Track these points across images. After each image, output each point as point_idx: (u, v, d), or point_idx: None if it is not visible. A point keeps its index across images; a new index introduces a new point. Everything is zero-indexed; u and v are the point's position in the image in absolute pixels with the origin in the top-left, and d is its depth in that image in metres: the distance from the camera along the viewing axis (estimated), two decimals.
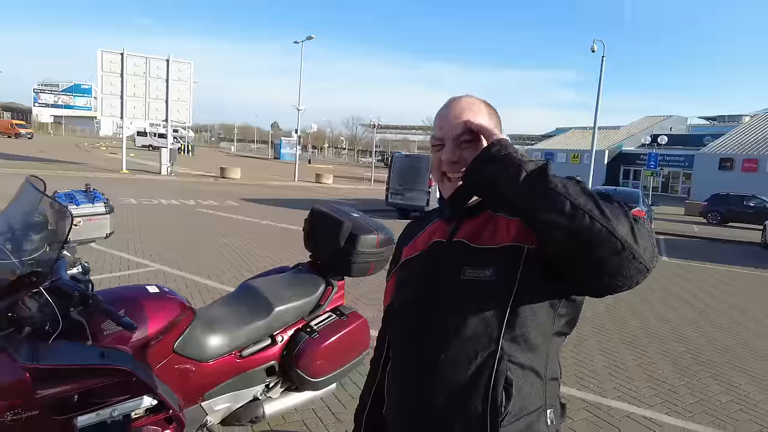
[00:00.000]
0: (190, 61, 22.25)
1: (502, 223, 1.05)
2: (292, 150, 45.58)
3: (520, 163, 0.94)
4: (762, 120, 43.95)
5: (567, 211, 0.86)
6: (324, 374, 2.57)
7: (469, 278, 1.02)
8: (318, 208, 2.82)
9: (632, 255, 0.85)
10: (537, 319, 1.01)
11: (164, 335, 2.11)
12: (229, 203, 14.81)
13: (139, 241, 8.02)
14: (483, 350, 0.99)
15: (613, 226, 0.84)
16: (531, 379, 1.01)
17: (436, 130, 1.13)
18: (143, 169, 23.58)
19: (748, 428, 3.38)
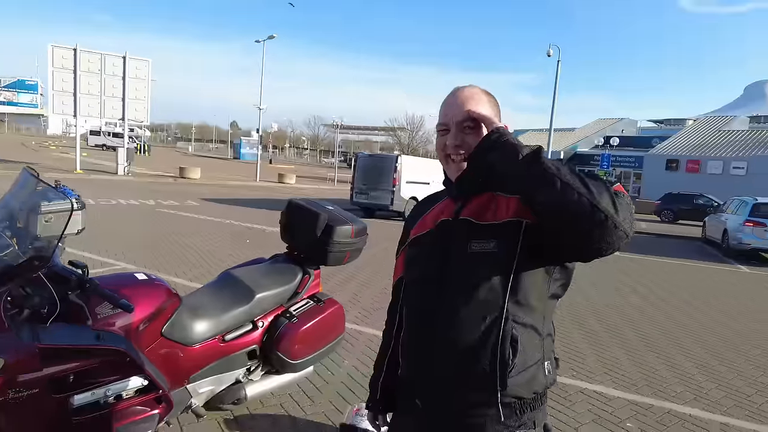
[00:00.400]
0: (148, 59, 21.73)
1: (502, 202, 1.18)
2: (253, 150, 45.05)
3: (518, 148, 1.07)
4: (703, 124, 46.58)
5: (558, 188, 0.99)
6: (303, 357, 2.73)
7: (475, 251, 1.15)
8: (295, 202, 2.98)
9: (614, 224, 0.98)
10: (535, 284, 1.16)
11: (153, 320, 2.22)
12: (190, 203, 14.62)
13: (102, 241, 7.89)
14: (491, 313, 1.13)
15: (597, 200, 0.98)
16: (532, 336, 1.16)
17: (441, 116, 1.25)
18: (99, 169, 22.83)
19: (683, 397, 3.76)
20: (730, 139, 39.61)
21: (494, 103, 1.27)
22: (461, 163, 1.23)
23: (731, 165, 36.18)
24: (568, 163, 1.07)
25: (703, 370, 4.36)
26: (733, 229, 11.79)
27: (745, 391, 3.96)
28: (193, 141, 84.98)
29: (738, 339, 5.36)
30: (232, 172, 32.38)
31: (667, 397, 3.73)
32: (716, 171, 36.55)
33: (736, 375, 4.29)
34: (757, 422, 3.45)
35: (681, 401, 3.68)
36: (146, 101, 21.79)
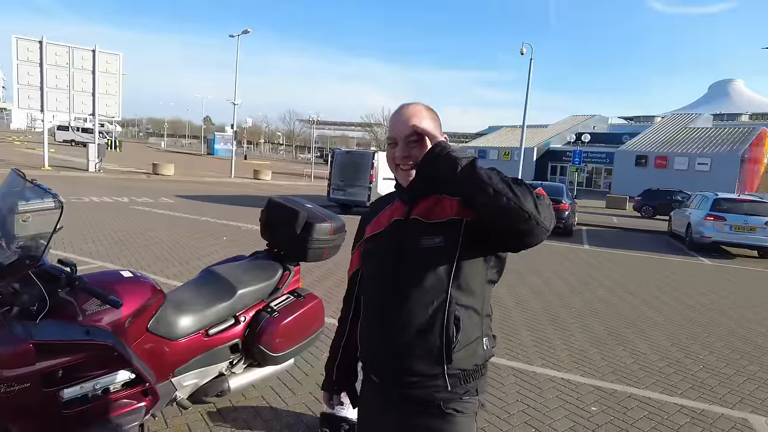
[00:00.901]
0: (119, 53, 21.28)
1: (446, 203, 1.37)
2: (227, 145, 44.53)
3: (456, 160, 1.26)
4: (670, 121, 48.02)
5: (490, 194, 1.19)
6: (283, 350, 2.84)
7: (425, 246, 1.35)
8: (274, 200, 3.08)
9: (536, 222, 1.20)
10: (475, 271, 1.35)
11: (139, 315, 2.30)
12: (165, 200, 14.46)
13: (76, 240, 7.80)
14: (437, 298, 1.32)
15: (522, 203, 1.18)
16: (472, 316, 1.36)
17: (389, 131, 1.45)
18: (68, 166, 22.31)
19: (645, 381, 4.00)
20: (695, 136, 40.98)
21: (435, 117, 1.45)
22: (410, 172, 1.41)
23: (696, 161, 37.47)
24: (498, 172, 1.26)
25: (663, 357, 4.62)
26: (695, 223, 12.29)
27: (700, 376, 4.22)
28: (166, 136, 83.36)
29: (698, 329, 5.66)
30: (206, 169, 32.00)
31: (630, 383, 3.96)
32: (682, 167, 37.82)
33: (693, 361, 4.57)
34: (707, 402, 3.70)
35: (642, 386, 3.92)
36: (117, 96, 21.33)
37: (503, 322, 5.29)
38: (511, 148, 46.25)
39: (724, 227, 11.60)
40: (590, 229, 15.82)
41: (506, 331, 4.99)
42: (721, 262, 10.96)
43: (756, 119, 70.01)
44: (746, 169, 37.57)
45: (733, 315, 6.41)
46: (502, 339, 4.72)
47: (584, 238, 13.59)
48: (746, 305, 7.04)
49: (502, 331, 4.95)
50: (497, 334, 1.57)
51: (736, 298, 7.48)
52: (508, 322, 5.33)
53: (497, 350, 1.65)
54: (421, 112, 1.42)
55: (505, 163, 44.28)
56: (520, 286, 7.06)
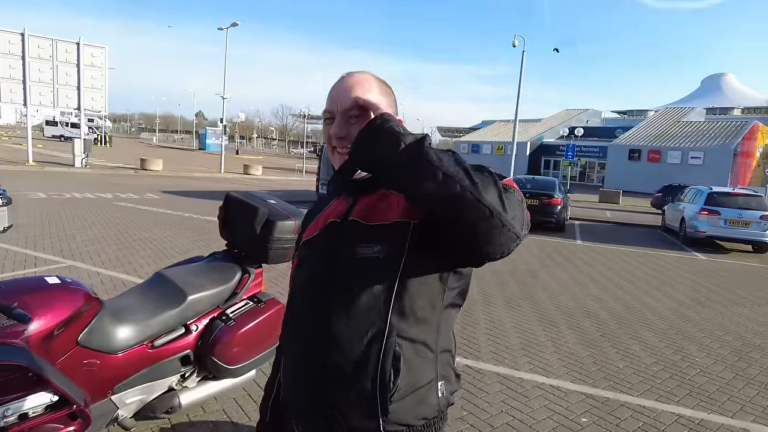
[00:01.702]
0: (104, 46, 20.81)
1: (393, 200, 1.06)
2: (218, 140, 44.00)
3: (399, 135, 0.94)
4: (663, 115, 47.99)
5: (439, 179, 0.87)
6: (241, 361, 2.57)
7: (360, 255, 1.03)
8: (232, 195, 2.80)
9: (501, 222, 0.87)
10: (425, 293, 1.03)
11: (66, 327, 2.02)
12: (150, 196, 14.10)
13: (49, 238, 7.48)
14: (372, 326, 1.00)
15: (480, 193, 0.86)
16: (421, 353, 1.03)
17: (327, 103, 1.12)
18: (54, 161, 21.86)
19: (639, 388, 3.76)
20: (688, 130, 40.91)
21: (388, 91, 1.15)
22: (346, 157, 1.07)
23: (689, 155, 37.40)
24: (454, 153, 0.94)
25: (658, 360, 4.38)
26: (689, 218, 12.09)
27: (697, 380, 3.99)
28: (158, 131, 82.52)
29: (694, 328, 5.43)
30: (196, 164, 31.57)
31: (623, 390, 3.71)
32: (675, 161, 37.75)
33: (689, 365, 4.33)
34: (706, 411, 3.46)
35: (636, 393, 3.68)
36: (104, 90, 20.88)
37: (489, 322, 5.04)
38: (504, 142, 45.99)
39: (718, 221, 11.41)
40: (583, 224, 15.60)
41: (492, 333, 4.74)
42: (716, 257, 10.77)
43: (748, 113, 70.17)
44: (739, 163, 37.53)
45: (728, 313, 6.19)
46: (487, 341, 4.47)
47: (577, 233, 13.37)
48: (742, 302, 6.83)
49: (487, 333, 4.70)
50: (482, 335, 1.25)
51: (732, 294, 7.27)
52: (494, 322, 5.08)
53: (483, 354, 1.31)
54: (369, 82, 1.11)
55: (498, 158, 44.04)
56: (509, 283, 6.82)
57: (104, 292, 5.00)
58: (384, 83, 1.15)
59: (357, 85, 1.09)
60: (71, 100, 20.18)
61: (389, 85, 1.17)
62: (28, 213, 9.37)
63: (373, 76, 1.14)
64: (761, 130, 40.32)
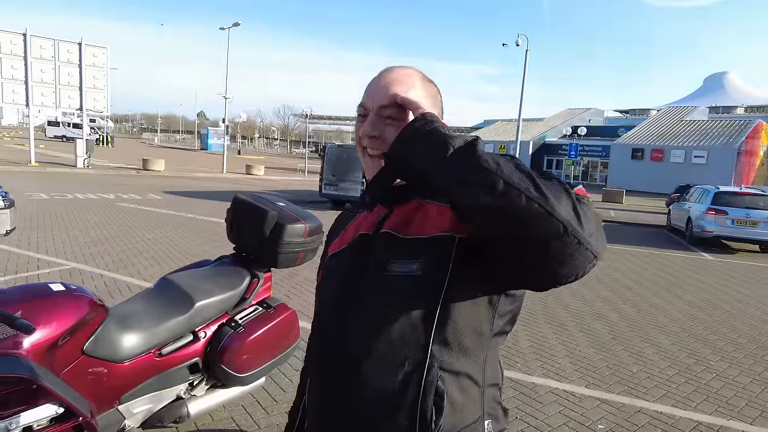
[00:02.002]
0: (106, 46, 20.78)
1: (432, 211, 0.93)
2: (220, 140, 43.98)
3: (447, 138, 0.81)
4: (666, 114, 47.84)
5: (499, 189, 0.73)
6: (251, 369, 2.49)
7: (394, 274, 0.90)
8: (240, 198, 2.72)
9: (577, 240, 0.73)
10: (472, 318, 0.89)
11: (71, 336, 1.95)
12: (152, 197, 14.06)
13: (51, 239, 7.42)
14: (410, 357, 0.87)
15: (553, 206, 0.72)
16: (466, 388, 0.90)
17: (363, 97, 0.99)
18: (56, 162, 21.83)
19: (654, 393, 3.67)
20: (691, 129, 40.76)
21: (433, 91, 1.01)
22: (380, 160, 0.96)
23: (693, 154, 37.26)
24: (513, 158, 0.80)
25: (672, 364, 4.30)
26: (696, 218, 11.99)
27: (713, 385, 3.91)
28: (159, 132, 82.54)
29: (706, 331, 5.35)
30: (198, 164, 31.53)
31: (638, 395, 3.63)
32: (679, 160, 37.62)
33: (705, 368, 4.25)
34: (725, 417, 3.38)
35: (652, 398, 3.60)
36: (105, 90, 20.86)
37: None
38: (507, 141, 45.89)
39: (725, 221, 11.30)
40: None
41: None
42: (723, 258, 10.67)
43: (751, 112, 69.92)
44: (742, 162, 37.37)
45: (739, 314, 6.10)
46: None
47: None
48: (753, 303, 6.73)
49: None
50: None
51: (742, 296, 7.17)
52: None
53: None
54: (411, 78, 0.98)
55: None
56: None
57: (108, 294, 4.94)
58: (430, 81, 1.02)
59: (397, 80, 0.96)
60: (73, 101, 20.15)
61: (435, 84, 1.03)
62: (31, 214, 9.32)
63: (418, 72, 1.01)
64: (765, 128, 40.15)
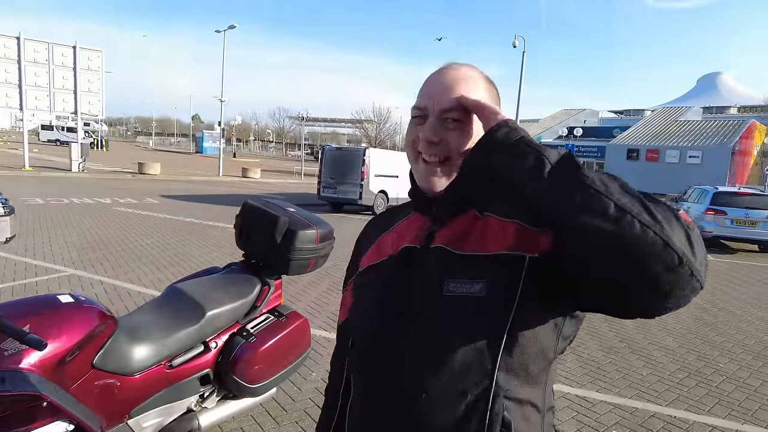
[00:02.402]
0: (101, 49, 20.63)
1: (494, 226, 0.85)
2: (216, 143, 43.89)
3: (541, 151, 0.74)
4: (660, 114, 48.06)
5: (611, 214, 0.66)
6: (263, 379, 2.43)
7: (453, 294, 0.82)
8: (250, 203, 2.66)
9: (690, 270, 0.66)
10: (538, 344, 0.82)
11: (81, 350, 1.89)
12: (149, 201, 13.95)
13: (48, 245, 7.32)
14: (474, 386, 0.80)
15: (668, 235, 0.65)
16: (529, 416, 0.84)
17: (419, 97, 0.90)
18: (51, 166, 21.67)
19: (666, 396, 3.63)
20: (686, 129, 40.95)
21: (495, 94, 0.93)
22: (435, 168, 0.88)
23: (687, 154, 37.41)
24: (616, 178, 0.72)
25: (682, 366, 4.27)
26: (695, 218, 11.99)
27: (725, 388, 3.87)
28: (154, 135, 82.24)
29: (712, 332, 5.33)
30: (194, 167, 31.37)
31: (651, 399, 3.59)
32: (674, 160, 37.76)
33: (714, 371, 4.21)
34: (739, 421, 3.34)
35: (664, 402, 3.56)
36: (100, 94, 20.69)
37: None
38: None
39: (724, 221, 11.32)
40: None
41: None
42: (724, 258, 10.68)
43: (744, 112, 70.38)
44: (737, 162, 37.57)
45: (744, 315, 6.09)
46: None
47: None
48: (756, 304, 6.73)
49: None
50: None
51: (745, 296, 7.17)
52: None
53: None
54: (475, 80, 0.89)
55: None
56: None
57: (108, 302, 4.86)
58: (492, 83, 0.94)
59: (461, 81, 0.87)
60: (68, 105, 19.98)
61: (496, 86, 0.95)
62: (27, 219, 9.21)
63: (480, 73, 0.92)
64: (758, 128, 40.41)
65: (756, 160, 41.03)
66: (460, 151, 0.86)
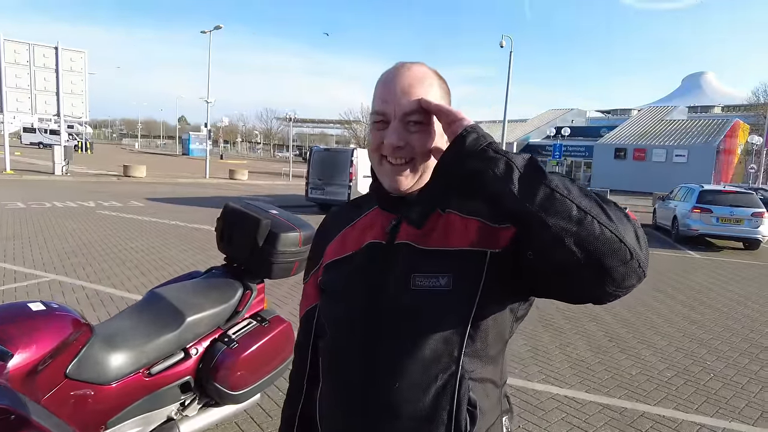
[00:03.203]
0: (84, 50, 20.32)
1: (456, 223, 0.90)
2: (202, 145, 43.51)
3: (509, 158, 0.77)
4: (647, 114, 48.61)
5: (574, 216, 0.72)
6: (246, 386, 2.37)
7: (420, 287, 0.87)
8: (231, 206, 2.60)
9: (638, 263, 0.74)
10: (497, 328, 0.91)
11: (53, 359, 1.81)
12: (134, 204, 13.75)
13: (29, 250, 7.16)
14: (443, 372, 0.87)
15: (622, 233, 0.73)
16: (489, 392, 0.92)
17: (377, 102, 0.90)
18: (33, 169, 21.30)
19: (655, 396, 3.63)
20: (672, 128, 41.47)
21: (446, 89, 0.95)
22: (402, 169, 0.90)
23: (674, 153, 37.89)
24: (573, 180, 0.78)
25: (670, 365, 4.27)
26: (681, 216, 12.12)
27: (712, 386, 3.88)
28: (140, 137, 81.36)
29: (699, 330, 5.35)
30: (180, 169, 31.05)
31: (639, 399, 3.58)
32: (660, 159, 38.23)
33: (702, 369, 4.22)
34: (727, 419, 3.34)
35: (652, 401, 3.55)
36: (84, 95, 20.36)
37: None
38: None
39: (710, 219, 11.43)
40: None
41: None
42: (710, 255, 10.78)
43: (728, 111, 71.43)
44: (721, 160, 38.14)
45: (731, 312, 6.13)
46: None
47: None
48: (743, 301, 6.78)
49: None
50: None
51: (731, 294, 7.22)
52: None
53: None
54: (430, 79, 0.91)
55: None
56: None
57: (90, 307, 4.75)
58: (443, 79, 0.95)
59: (417, 82, 0.89)
60: (50, 106, 19.64)
61: (446, 81, 0.96)
62: (6, 223, 9.02)
63: (433, 71, 0.94)
64: (742, 127, 41.02)
65: (740, 159, 41.66)
66: (424, 151, 0.90)
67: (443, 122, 0.85)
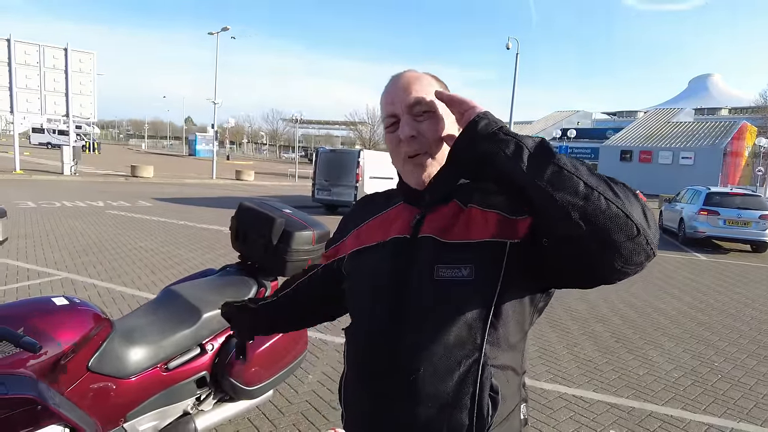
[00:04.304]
0: (93, 51, 20.50)
1: (477, 216, 0.95)
2: (209, 146, 43.74)
3: (519, 139, 0.81)
4: (653, 115, 48.41)
5: (581, 192, 0.75)
6: (260, 381, 2.41)
7: (444, 278, 0.92)
8: (246, 205, 2.65)
9: (645, 240, 0.77)
10: (517, 317, 0.95)
11: (76, 352, 1.86)
12: (142, 204, 13.86)
13: (41, 248, 7.25)
14: (466, 358, 0.91)
15: (628, 209, 0.76)
16: (510, 379, 0.96)
17: (385, 107, 0.99)
18: (42, 169, 21.50)
19: (663, 396, 3.64)
20: (678, 130, 41.27)
21: (445, 86, 1.03)
22: (424, 162, 0.97)
23: (680, 155, 37.70)
24: (582, 161, 0.82)
25: (677, 366, 4.28)
26: (688, 218, 12.08)
27: (720, 387, 3.89)
28: (147, 138, 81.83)
29: (706, 332, 5.35)
30: (187, 170, 31.22)
31: (647, 398, 3.60)
32: (667, 161, 38.06)
33: (710, 370, 4.23)
34: (735, 419, 3.36)
35: (660, 401, 3.56)
36: (92, 96, 20.52)
37: None
38: None
39: (717, 221, 11.39)
40: None
41: None
42: (717, 258, 10.75)
43: (735, 113, 71.04)
44: (728, 163, 37.91)
45: (738, 315, 6.12)
46: None
47: None
48: (750, 303, 6.77)
49: None
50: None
51: (739, 296, 7.21)
52: None
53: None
54: (425, 78, 1.00)
55: None
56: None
57: (102, 305, 4.82)
58: (438, 79, 1.03)
59: (415, 80, 0.98)
60: (59, 107, 19.82)
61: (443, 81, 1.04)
62: (18, 223, 9.13)
63: (426, 73, 1.03)
64: (749, 129, 40.78)
65: (747, 161, 41.40)
66: (436, 137, 0.96)
67: (456, 111, 0.89)
